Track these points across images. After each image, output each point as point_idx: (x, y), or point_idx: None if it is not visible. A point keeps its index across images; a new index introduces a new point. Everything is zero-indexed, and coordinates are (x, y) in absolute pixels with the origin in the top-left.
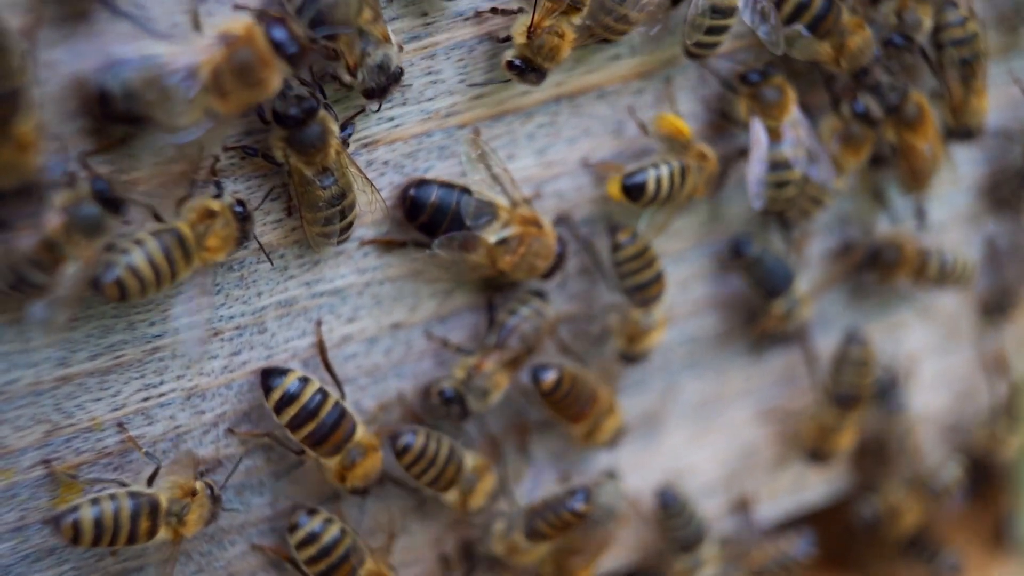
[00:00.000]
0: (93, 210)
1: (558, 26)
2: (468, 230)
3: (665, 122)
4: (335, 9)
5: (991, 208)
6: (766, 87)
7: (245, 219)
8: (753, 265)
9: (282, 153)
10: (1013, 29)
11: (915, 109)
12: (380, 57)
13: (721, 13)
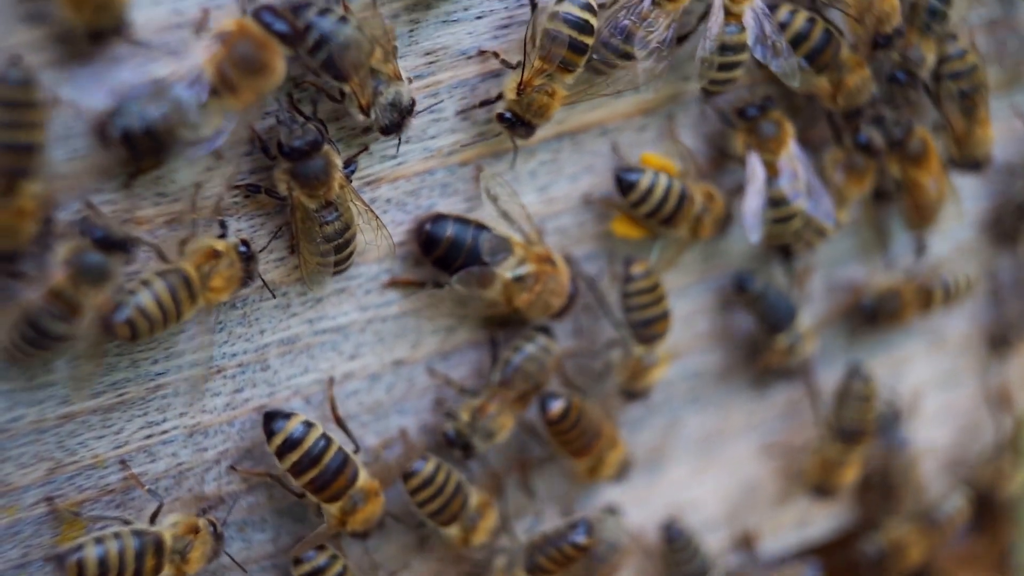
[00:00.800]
0: (96, 258)
1: (548, 85)
2: (484, 265)
3: (650, 161)
4: (346, 52)
5: (993, 242)
6: (763, 122)
7: (249, 259)
8: (756, 300)
9: (286, 186)
10: (1016, 64)
11: (919, 144)
12: (392, 95)
13: (731, 50)
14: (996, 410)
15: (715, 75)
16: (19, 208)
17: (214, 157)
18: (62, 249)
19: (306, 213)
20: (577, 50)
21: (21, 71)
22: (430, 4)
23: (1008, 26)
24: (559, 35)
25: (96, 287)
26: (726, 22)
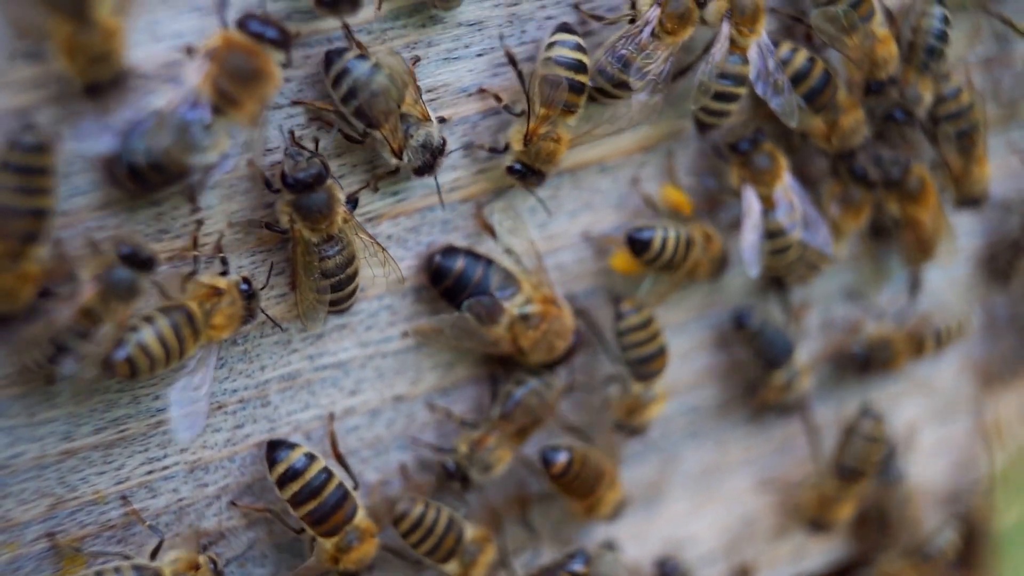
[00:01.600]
0: (126, 274)
1: (553, 131)
2: (492, 298)
3: (669, 193)
4: (376, 101)
5: (988, 278)
6: (756, 155)
7: (251, 297)
8: (754, 337)
9: (288, 219)
10: (1012, 101)
11: (917, 182)
12: (423, 137)
13: (731, 79)
14: (990, 444)
15: (710, 103)
16: (23, 272)
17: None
18: (90, 266)
19: (307, 247)
20: (576, 90)
21: (35, 137)
22: (431, 42)
23: (1004, 63)
24: (558, 79)
25: (125, 303)
26: (730, 52)
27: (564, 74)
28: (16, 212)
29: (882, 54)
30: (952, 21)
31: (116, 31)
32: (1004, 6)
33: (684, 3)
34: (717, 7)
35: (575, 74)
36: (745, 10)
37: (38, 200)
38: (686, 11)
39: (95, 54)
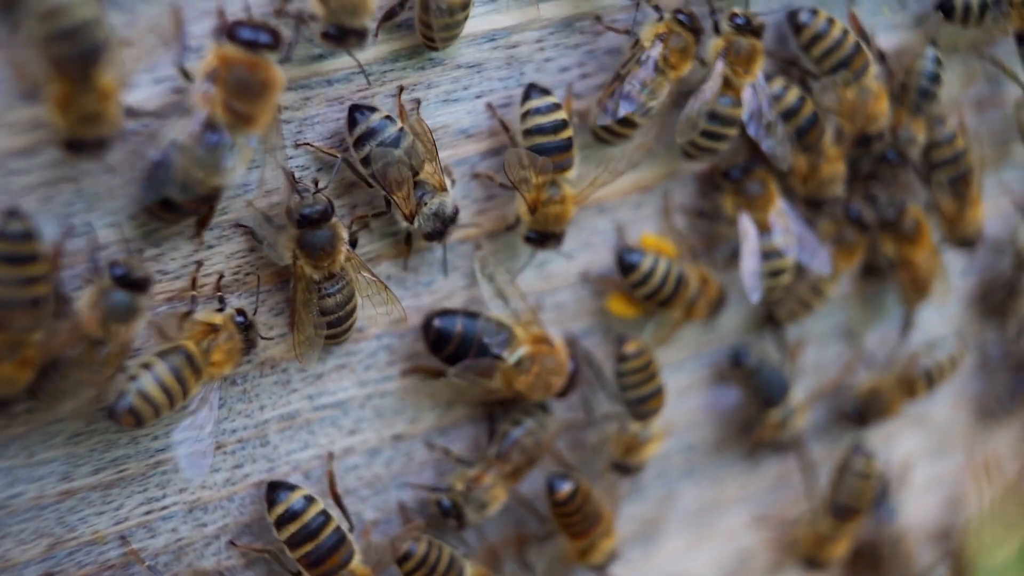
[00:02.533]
0: (122, 296)
1: (556, 193)
2: (492, 357)
3: (648, 241)
4: (390, 169)
5: (982, 316)
6: (749, 181)
7: (248, 329)
8: (751, 375)
9: (291, 254)
10: (1004, 142)
11: (912, 223)
12: (436, 205)
13: (720, 120)
14: (983, 481)
15: (697, 139)
16: (23, 358)
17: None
18: (87, 294)
19: (308, 284)
20: (563, 149)
21: (22, 225)
22: (431, 83)
23: (996, 105)
24: (539, 149)
25: (125, 324)
26: (723, 93)
27: (544, 140)
28: (12, 304)
29: (874, 109)
30: (945, 63)
31: (112, 94)
32: (996, 49)
33: (684, 38)
34: (715, 45)
35: (556, 135)
36: (741, 51)
37: (33, 289)
38: (687, 45)
39: (87, 113)
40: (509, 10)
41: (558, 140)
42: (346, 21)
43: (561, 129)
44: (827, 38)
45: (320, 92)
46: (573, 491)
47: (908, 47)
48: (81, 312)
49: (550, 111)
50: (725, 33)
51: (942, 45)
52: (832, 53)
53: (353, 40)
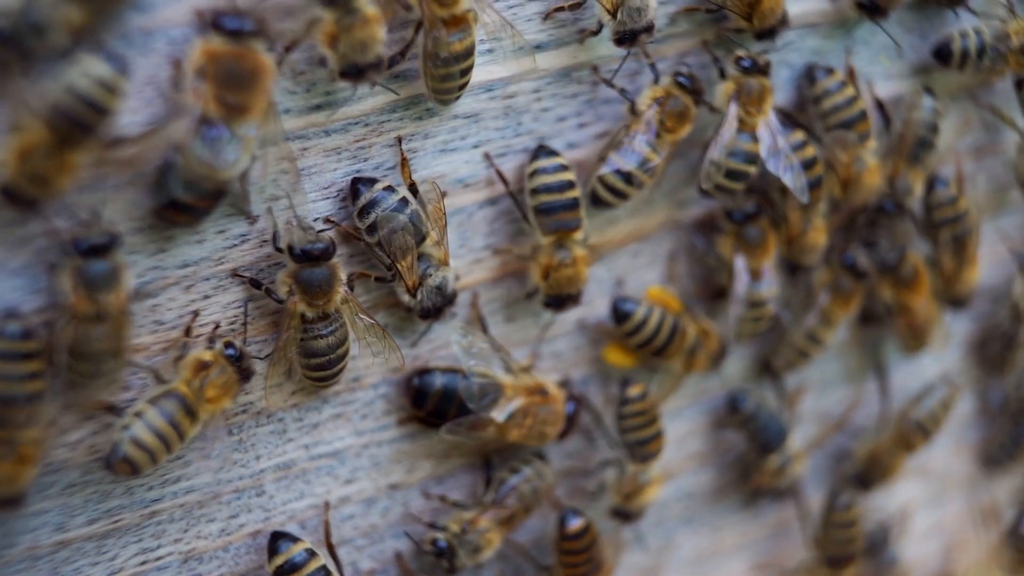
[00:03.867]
0: (97, 266)
1: (567, 256)
2: (473, 414)
3: (653, 293)
4: (394, 237)
5: (980, 364)
6: (750, 227)
7: (239, 359)
8: (748, 421)
9: (287, 289)
10: (1002, 189)
11: (911, 270)
12: (439, 280)
13: (741, 157)
14: (984, 528)
15: (721, 180)
16: (21, 455)
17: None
18: (64, 278)
19: (300, 322)
20: (568, 208)
21: (21, 324)
22: (428, 133)
23: (994, 152)
24: (545, 208)
25: (112, 290)
26: (739, 131)
27: (550, 199)
28: (10, 400)
29: (868, 182)
30: (942, 112)
31: (74, 169)
32: (992, 96)
33: (682, 102)
34: (724, 89)
35: (561, 194)
36: (752, 91)
37: (31, 385)
38: (685, 109)
39: (38, 175)
40: (506, 61)
41: (564, 199)
42: (359, 59)
43: (567, 189)
44: (837, 95)
45: (317, 143)
46: (584, 527)
47: (905, 96)
48: (67, 297)
49: (557, 171)
50: (733, 76)
51: (939, 92)
52: (840, 111)
53: (372, 74)
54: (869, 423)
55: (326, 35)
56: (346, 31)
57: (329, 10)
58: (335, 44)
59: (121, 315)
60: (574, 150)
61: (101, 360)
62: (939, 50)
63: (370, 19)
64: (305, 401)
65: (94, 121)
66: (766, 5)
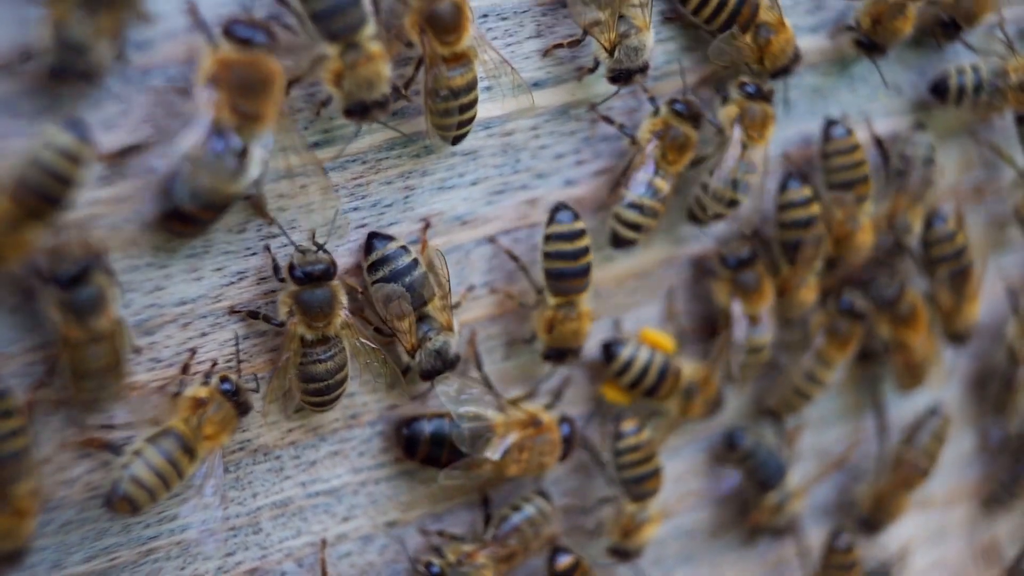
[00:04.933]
0: (81, 293)
1: (572, 310)
2: (467, 456)
3: (648, 335)
4: (390, 305)
5: (980, 402)
6: (745, 272)
7: (236, 394)
8: (746, 458)
9: (287, 311)
10: (1001, 226)
11: (909, 306)
12: (440, 343)
13: (736, 186)
14: (984, 566)
15: (721, 209)
16: (16, 509)
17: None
18: (51, 308)
19: (300, 345)
20: (580, 275)
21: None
22: (426, 171)
23: (993, 190)
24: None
25: (101, 312)
26: (740, 158)
27: (564, 266)
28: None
29: (860, 241)
30: (939, 149)
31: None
32: (992, 133)
33: (682, 131)
34: (727, 113)
35: (576, 261)
36: (756, 117)
37: (14, 443)
38: (685, 139)
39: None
40: (505, 99)
41: (577, 266)
42: (365, 96)
43: (582, 256)
44: (847, 157)
45: (315, 180)
46: (574, 564)
47: (902, 134)
48: (57, 326)
49: (574, 238)
50: (737, 100)
51: (937, 129)
52: (846, 171)
53: (377, 112)
54: (868, 461)
55: (331, 73)
56: (351, 69)
57: (334, 47)
58: (340, 82)
59: (114, 332)
60: (572, 187)
61: (103, 376)
62: (936, 86)
63: (375, 56)
64: (302, 439)
65: (60, 193)
66: (776, 47)
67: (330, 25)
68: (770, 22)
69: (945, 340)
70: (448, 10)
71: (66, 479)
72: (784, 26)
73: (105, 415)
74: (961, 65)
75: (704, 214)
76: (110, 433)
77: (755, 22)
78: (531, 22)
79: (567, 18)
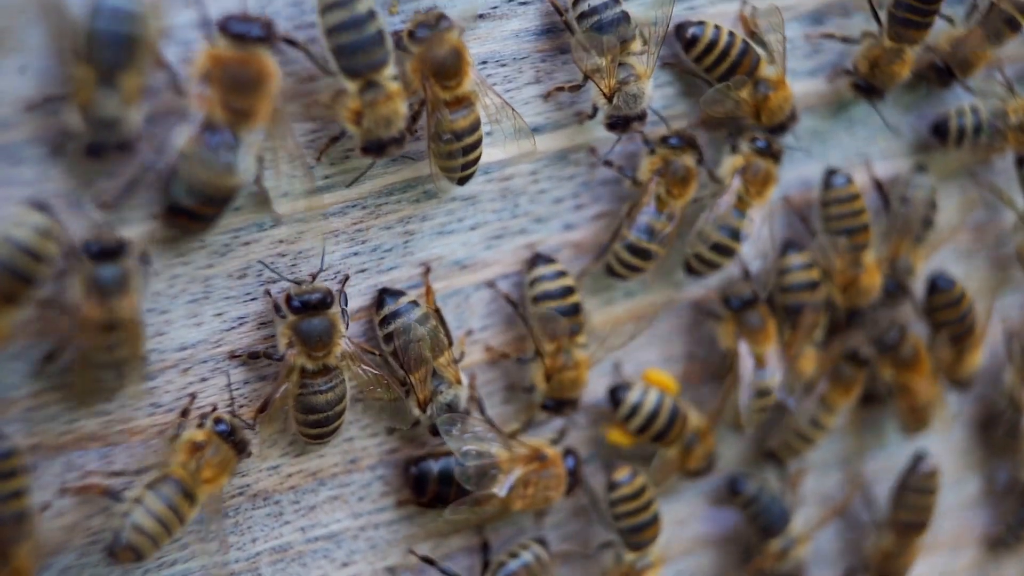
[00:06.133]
0: (109, 271)
1: (569, 359)
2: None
3: (652, 375)
4: (411, 347)
5: (985, 445)
6: (749, 313)
7: (232, 435)
8: (749, 503)
9: (287, 341)
10: (1003, 267)
11: (911, 350)
12: (450, 397)
13: (729, 233)
14: None
15: (705, 252)
16: (15, 569)
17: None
18: (75, 283)
19: (300, 377)
20: (569, 313)
21: (5, 444)
22: (425, 216)
23: (994, 231)
24: (550, 315)
25: (125, 294)
26: (735, 208)
27: (552, 305)
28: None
29: (867, 284)
30: (938, 191)
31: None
32: (993, 175)
33: (683, 166)
34: (732, 163)
35: (563, 300)
36: (759, 172)
37: (15, 504)
38: (687, 174)
39: None
40: (506, 143)
41: (566, 305)
42: (383, 134)
43: (568, 294)
44: (846, 205)
45: (315, 225)
46: None
47: (903, 176)
48: (78, 304)
49: (556, 278)
50: (744, 152)
51: (937, 170)
52: (844, 219)
53: (393, 149)
54: (875, 503)
55: (350, 111)
56: (371, 107)
57: (354, 83)
58: (359, 120)
59: (134, 321)
60: (571, 231)
61: (122, 367)
62: (937, 128)
63: (394, 95)
64: (302, 483)
65: (35, 272)
66: (773, 103)
67: (353, 62)
68: (770, 78)
69: (947, 386)
70: (449, 55)
71: (65, 525)
72: (784, 84)
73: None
74: (961, 107)
75: (697, 264)
76: (110, 478)
77: (754, 76)
78: (530, 68)
79: (566, 64)
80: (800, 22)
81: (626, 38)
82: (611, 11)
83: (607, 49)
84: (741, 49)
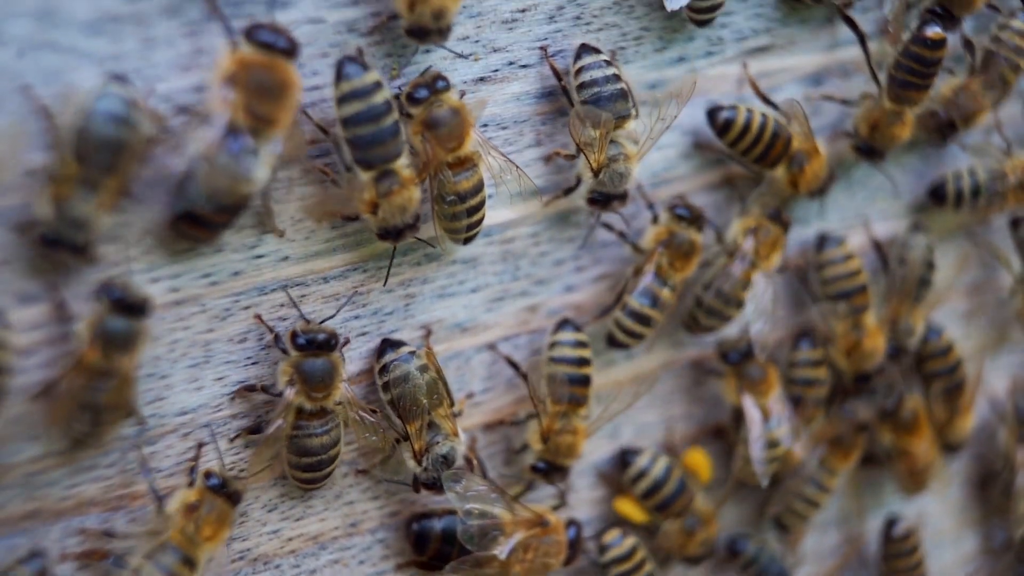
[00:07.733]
0: (120, 323)
1: (569, 424)
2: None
3: (694, 457)
4: (406, 392)
5: (982, 504)
6: (748, 366)
7: (223, 486)
8: (749, 564)
9: (287, 380)
10: (1000, 326)
11: (910, 414)
12: (447, 449)
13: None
14: None
15: (702, 317)
16: None
17: None
18: (85, 323)
19: (296, 417)
20: (581, 383)
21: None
22: (426, 279)
23: (991, 290)
24: (558, 376)
25: (127, 353)
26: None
27: (567, 371)
28: None
29: (870, 347)
30: (936, 250)
31: None
32: (990, 233)
33: (687, 237)
34: (743, 224)
35: (578, 368)
36: (768, 236)
37: None
38: (690, 248)
39: None
40: (512, 202)
41: (579, 374)
42: (398, 222)
43: (583, 365)
44: (841, 267)
45: (316, 289)
46: None
47: (901, 236)
48: (80, 340)
49: (578, 347)
50: (756, 215)
51: (936, 228)
52: (840, 281)
53: (408, 233)
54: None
55: (366, 203)
56: (386, 197)
57: (368, 173)
58: (375, 210)
59: (128, 376)
60: (572, 293)
61: (100, 413)
62: (935, 191)
63: (407, 182)
64: (302, 548)
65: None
66: (809, 174)
67: (369, 154)
68: (805, 150)
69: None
70: (449, 117)
71: None
72: (818, 152)
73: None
74: (958, 170)
75: (698, 325)
76: (110, 543)
77: (788, 154)
78: (530, 131)
79: (566, 127)
80: (799, 83)
81: (622, 115)
82: (611, 86)
83: (603, 124)
84: (774, 131)
